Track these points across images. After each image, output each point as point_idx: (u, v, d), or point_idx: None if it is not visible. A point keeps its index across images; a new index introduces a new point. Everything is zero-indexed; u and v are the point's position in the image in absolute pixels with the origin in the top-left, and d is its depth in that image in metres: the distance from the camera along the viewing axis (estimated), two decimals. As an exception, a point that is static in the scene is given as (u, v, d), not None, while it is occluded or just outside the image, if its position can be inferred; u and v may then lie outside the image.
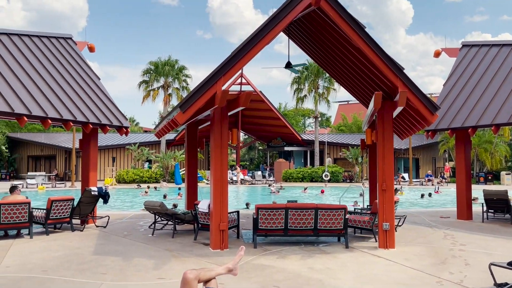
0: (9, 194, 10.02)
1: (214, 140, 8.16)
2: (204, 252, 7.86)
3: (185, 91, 37.38)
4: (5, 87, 9.46)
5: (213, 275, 3.55)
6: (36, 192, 24.93)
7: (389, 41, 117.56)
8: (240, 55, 7.46)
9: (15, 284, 5.74)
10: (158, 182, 31.24)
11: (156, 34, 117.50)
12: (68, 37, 13.61)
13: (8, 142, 40.94)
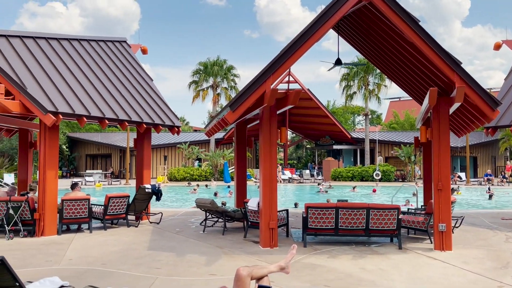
0: (70, 191, 10.62)
1: (263, 138, 8.19)
2: (254, 250, 7.93)
3: (234, 90, 37.87)
4: (67, 89, 10.03)
5: (266, 272, 3.57)
6: (94, 189, 26.22)
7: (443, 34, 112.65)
8: (289, 53, 7.43)
9: (78, 276, 6.07)
10: (208, 180, 31.87)
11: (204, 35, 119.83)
12: (122, 40, 14.19)
13: (68, 141, 43.44)
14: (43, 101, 8.97)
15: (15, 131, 13.87)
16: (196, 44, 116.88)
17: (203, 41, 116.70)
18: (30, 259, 7.18)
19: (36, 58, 10.30)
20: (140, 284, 5.71)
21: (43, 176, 9.38)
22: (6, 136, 14.27)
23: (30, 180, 13.22)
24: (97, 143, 42.15)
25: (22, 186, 12.96)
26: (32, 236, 9.22)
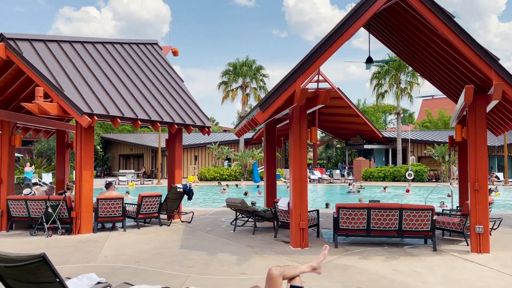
0: (104, 190, 10.92)
1: (293, 138, 8.17)
2: (284, 249, 7.92)
3: (263, 90, 37.92)
4: (101, 91, 10.32)
5: (298, 272, 3.57)
6: (127, 188, 26.82)
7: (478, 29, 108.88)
8: (319, 53, 7.38)
9: (113, 273, 6.24)
10: (237, 180, 32.05)
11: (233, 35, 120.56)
12: (154, 42, 14.47)
13: (102, 142, 44.69)
14: (79, 103, 9.26)
15: (53, 132, 14.39)
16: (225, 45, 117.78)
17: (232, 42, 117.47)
18: (68, 256, 7.43)
19: (73, 61, 10.65)
20: (172, 282, 5.81)
21: (79, 175, 9.69)
22: (45, 137, 14.83)
23: (67, 179, 13.69)
24: (130, 144, 43.15)
25: (59, 186, 13.43)
26: (70, 234, 9.54)
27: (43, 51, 10.17)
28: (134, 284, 4.58)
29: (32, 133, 13.81)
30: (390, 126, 59.05)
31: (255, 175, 30.81)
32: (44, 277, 3.02)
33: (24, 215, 9.99)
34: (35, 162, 34.42)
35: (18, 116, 11.24)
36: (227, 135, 44.17)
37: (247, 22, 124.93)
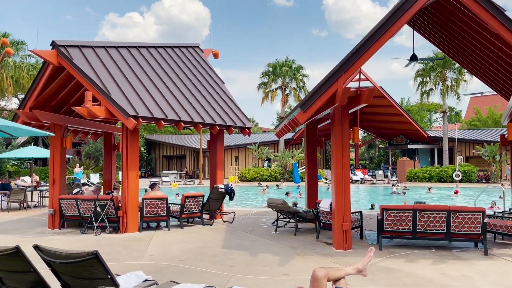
0: (149, 190, 11.24)
1: (335, 138, 8.07)
2: (327, 251, 7.83)
3: (302, 90, 37.71)
4: (146, 94, 10.63)
5: (342, 274, 3.52)
6: (170, 188, 27.48)
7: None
8: (361, 51, 7.25)
9: (159, 271, 6.41)
10: (278, 181, 32.04)
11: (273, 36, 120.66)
12: (195, 45, 14.74)
13: (146, 143, 46.03)
14: (125, 106, 9.59)
15: (100, 135, 14.98)
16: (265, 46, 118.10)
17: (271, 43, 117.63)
18: (116, 253, 7.71)
19: (119, 66, 11.04)
20: (216, 281, 5.89)
21: (126, 176, 10.02)
22: (93, 140, 15.46)
23: (114, 180, 14.20)
24: (172, 145, 44.17)
25: (107, 186, 13.97)
26: (117, 232, 9.88)
27: (91, 57, 10.60)
28: (180, 283, 4.68)
29: (81, 136, 14.44)
30: (436, 125, 57.00)
31: (296, 176, 30.67)
32: (97, 274, 3.15)
33: (75, 214, 10.46)
34: (84, 163, 35.96)
35: (68, 119, 11.79)
36: (266, 135, 44.25)
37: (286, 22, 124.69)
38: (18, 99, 38.50)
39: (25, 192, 15.39)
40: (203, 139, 33.85)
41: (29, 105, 10.83)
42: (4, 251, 3.30)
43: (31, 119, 10.76)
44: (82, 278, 3.27)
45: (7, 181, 17.50)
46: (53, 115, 11.21)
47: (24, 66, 28.59)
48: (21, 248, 3.28)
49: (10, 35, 28.51)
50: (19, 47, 28.92)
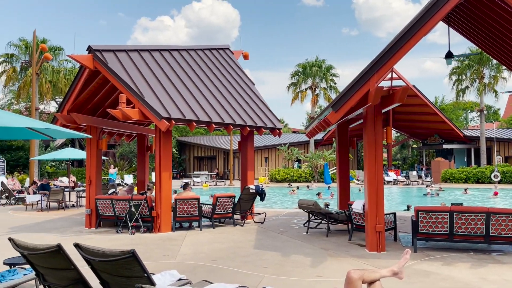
0: (182, 191, 11.40)
1: (368, 139, 7.94)
2: (360, 253, 7.72)
3: (333, 90, 37.34)
4: (178, 96, 10.80)
5: (378, 277, 3.45)
6: (201, 189, 27.81)
7: None
8: (394, 49, 7.11)
9: (191, 271, 6.50)
10: (308, 181, 31.85)
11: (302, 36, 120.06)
12: (226, 47, 14.86)
13: (177, 145, 46.78)
14: (158, 108, 9.78)
15: (134, 136, 15.33)
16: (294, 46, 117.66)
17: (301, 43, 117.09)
18: (150, 252, 7.86)
19: (151, 68, 11.27)
20: (248, 281, 5.91)
21: (159, 177, 10.21)
22: (127, 141, 15.84)
23: (147, 180, 14.49)
24: (203, 146, 44.68)
25: (140, 186, 14.27)
26: (150, 232, 10.09)
27: (125, 60, 10.87)
28: (213, 282, 4.73)
29: (116, 137, 14.82)
30: (472, 124, 55.17)
31: (326, 177, 30.38)
32: (134, 272, 3.23)
33: (111, 213, 10.74)
34: (118, 164, 36.91)
35: (104, 121, 12.13)
36: (296, 136, 44.06)
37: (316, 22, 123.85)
38: (56, 103, 39.96)
39: (63, 192, 15.95)
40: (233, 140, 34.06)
41: (67, 108, 11.22)
42: (47, 249, 3.43)
43: (69, 122, 11.15)
44: (120, 276, 3.35)
45: (47, 182, 18.19)
46: (89, 118, 11.56)
47: (62, 70, 29.61)
48: (63, 246, 3.41)
49: (48, 41, 29.59)
50: (56, 53, 29.98)
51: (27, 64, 29.39)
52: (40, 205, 15.73)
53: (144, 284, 3.00)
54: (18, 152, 33.20)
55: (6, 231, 10.61)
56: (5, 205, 17.35)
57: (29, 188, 18.44)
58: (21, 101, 34.71)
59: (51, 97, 32.17)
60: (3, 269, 5.51)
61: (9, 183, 19.65)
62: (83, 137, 5.99)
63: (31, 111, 24.68)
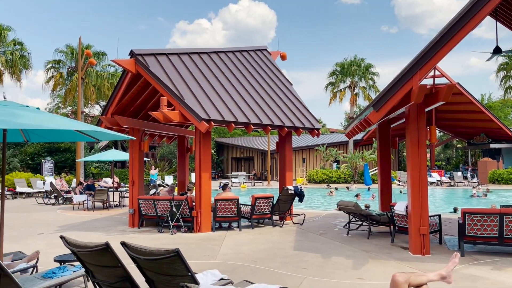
0: (221, 191, 11.52)
1: (411, 138, 7.72)
2: (403, 256, 7.51)
3: (373, 89, 36.65)
4: (217, 98, 10.93)
5: (425, 280, 3.35)
6: (239, 189, 27.99)
7: None
8: (439, 46, 6.87)
9: (232, 271, 6.55)
10: (347, 182, 31.38)
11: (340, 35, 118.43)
12: (263, 48, 14.90)
13: (215, 146, 47.35)
14: (198, 110, 9.93)
15: (174, 138, 15.66)
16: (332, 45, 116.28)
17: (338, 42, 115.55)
18: (191, 252, 8.00)
19: (191, 71, 11.47)
20: (289, 282, 5.88)
21: (199, 177, 10.36)
22: (168, 143, 16.20)
23: (187, 181, 14.75)
24: (241, 147, 44.99)
25: (181, 187, 14.55)
26: (191, 232, 10.25)
27: (166, 64, 11.13)
28: (254, 282, 4.74)
29: (157, 139, 15.19)
30: (522, 123, 52.43)
31: (367, 178, 29.79)
32: (178, 271, 3.29)
33: (152, 213, 11.01)
34: (158, 165, 37.80)
35: (146, 123, 12.46)
36: (335, 136, 43.51)
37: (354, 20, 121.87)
38: (100, 106, 41.48)
39: (107, 193, 16.51)
40: (271, 141, 34.09)
41: (111, 111, 11.61)
42: (95, 247, 3.56)
43: (112, 124, 11.54)
44: (164, 275, 3.43)
45: (92, 183, 18.91)
46: (132, 120, 11.92)
47: (105, 75, 30.75)
48: (110, 245, 3.52)
49: (92, 46, 30.80)
50: (100, 58, 31.17)
51: (73, 69, 30.72)
52: (86, 205, 16.36)
53: (188, 283, 3.04)
54: (65, 154, 34.70)
55: (55, 230, 11.11)
56: (54, 205, 18.17)
57: (75, 188, 19.24)
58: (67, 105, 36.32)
59: (95, 101, 33.45)
60: (53, 266, 5.77)
61: (57, 183, 20.57)
62: (127, 138, 6.17)
63: (77, 114, 25.73)
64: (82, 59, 25.74)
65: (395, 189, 18.85)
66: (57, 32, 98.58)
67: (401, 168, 39.53)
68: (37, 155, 33.81)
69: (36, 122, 4.70)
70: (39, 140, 6.93)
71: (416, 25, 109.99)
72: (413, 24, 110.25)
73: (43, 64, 61.94)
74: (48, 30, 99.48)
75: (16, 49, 25.78)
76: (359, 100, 37.61)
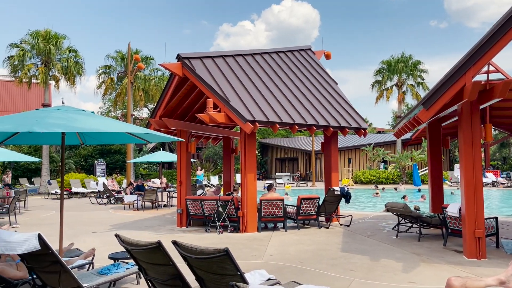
0: (266, 192, 11.56)
1: (464, 137, 7.39)
2: (456, 259, 7.21)
3: (421, 87, 35.44)
4: (261, 99, 10.99)
5: (482, 285, 3.18)
6: (283, 190, 27.94)
7: None
8: (494, 39, 6.52)
9: (278, 271, 6.56)
10: (395, 183, 30.52)
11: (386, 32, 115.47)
12: (307, 48, 14.80)
13: (259, 147, 47.58)
14: (243, 111, 10.03)
15: (220, 139, 15.90)
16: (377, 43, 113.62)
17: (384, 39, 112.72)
18: (238, 252, 8.08)
19: (235, 73, 11.61)
20: (336, 284, 5.81)
21: (244, 178, 10.46)
22: (214, 144, 16.47)
23: (233, 181, 14.93)
24: (285, 148, 44.93)
25: (226, 187, 14.75)
26: (237, 232, 10.36)
27: (211, 66, 11.33)
28: (302, 283, 4.72)
29: (203, 140, 15.49)
30: None
31: (416, 178, 28.78)
32: (227, 270, 3.35)
33: (200, 213, 11.24)
34: (204, 166, 38.51)
35: (192, 125, 12.75)
36: (381, 136, 42.44)
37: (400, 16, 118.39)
38: (148, 109, 42.88)
39: (156, 193, 17.03)
40: (315, 141, 33.80)
41: (159, 113, 11.97)
42: (148, 245, 3.69)
43: (161, 127, 11.89)
44: (214, 274, 3.49)
45: (142, 183, 19.57)
46: (179, 122, 12.22)
47: (152, 79, 31.74)
48: (162, 243, 3.64)
49: (140, 51, 31.89)
50: (148, 62, 32.21)
51: (122, 74, 31.97)
52: (136, 205, 16.96)
53: (237, 282, 3.08)
54: (115, 155, 36.15)
55: (108, 228, 11.60)
56: (106, 204, 18.97)
57: (126, 188, 20.00)
58: (117, 108, 37.83)
59: (143, 104, 34.62)
60: (108, 263, 6.03)
61: (109, 184, 21.47)
62: (175, 140, 6.35)
63: (126, 117, 26.74)
64: (131, 64, 26.71)
65: (446, 190, 18.12)
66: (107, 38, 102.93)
67: (453, 169, 37.94)
68: (90, 156, 35.46)
69: (91, 125, 4.94)
70: (93, 142, 7.29)
71: (468, 19, 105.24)
72: (465, 18, 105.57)
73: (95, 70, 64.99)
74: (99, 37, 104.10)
75: (71, 56, 27.15)
76: (407, 98, 36.46)
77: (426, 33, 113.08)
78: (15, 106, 45.36)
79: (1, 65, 59.17)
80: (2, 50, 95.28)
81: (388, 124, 59.09)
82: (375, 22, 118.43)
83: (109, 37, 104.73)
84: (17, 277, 4.97)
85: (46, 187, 24.83)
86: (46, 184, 25.14)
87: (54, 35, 26.49)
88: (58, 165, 31.51)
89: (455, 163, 38.87)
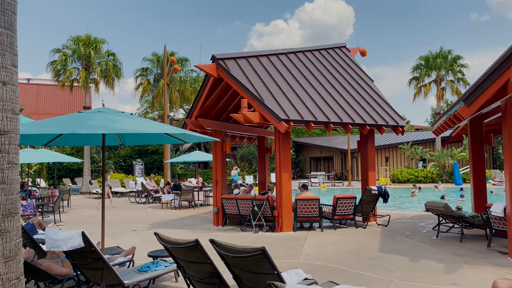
0: (299, 192, 11.51)
1: (508, 135, 7.08)
2: (501, 261, 6.92)
3: (461, 82, 34.23)
4: (295, 98, 10.95)
5: (531, 289, 3.05)
6: (319, 190, 27.71)
7: None
8: (541, 30, 6.22)
9: (315, 271, 6.52)
10: (435, 182, 29.63)
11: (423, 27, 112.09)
12: (342, 46, 14.61)
13: (294, 146, 47.40)
14: (277, 110, 10.03)
15: (254, 139, 15.96)
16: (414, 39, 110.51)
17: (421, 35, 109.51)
18: (274, 251, 8.09)
19: (269, 72, 11.62)
20: (375, 285, 5.72)
21: (279, 177, 10.46)
22: (248, 143, 16.57)
23: (268, 181, 14.95)
24: (319, 147, 44.53)
25: (261, 186, 14.79)
26: (273, 231, 10.37)
27: (245, 67, 11.39)
28: (339, 284, 4.68)
29: (238, 140, 15.61)
30: None
31: (457, 177, 27.79)
32: (264, 269, 3.36)
33: (235, 212, 11.33)
34: (239, 165, 38.79)
35: (227, 125, 12.87)
36: (419, 134, 41.28)
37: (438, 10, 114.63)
38: (184, 110, 43.63)
39: (193, 192, 17.31)
40: (351, 140, 33.31)
41: (195, 114, 12.16)
42: (186, 243, 3.76)
43: (196, 127, 12.08)
44: (251, 272, 3.52)
45: (178, 183, 19.95)
46: (214, 122, 12.37)
47: (188, 80, 32.29)
48: (200, 242, 3.70)
49: (176, 53, 32.51)
50: (183, 64, 32.81)
51: (159, 76, 32.71)
52: (173, 204, 17.30)
53: (274, 281, 3.09)
54: (153, 155, 37.01)
55: (147, 227, 11.90)
56: (144, 203, 19.47)
57: (163, 188, 20.44)
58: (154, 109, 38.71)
59: (179, 105, 35.26)
60: (147, 260, 6.19)
61: (147, 183, 22.01)
62: (211, 140, 6.43)
63: (163, 118, 27.32)
64: (167, 66, 27.26)
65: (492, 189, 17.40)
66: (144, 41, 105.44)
67: (496, 167, 36.40)
68: (129, 157, 36.47)
69: (131, 126, 5.08)
70: (132, 143, 7.50)
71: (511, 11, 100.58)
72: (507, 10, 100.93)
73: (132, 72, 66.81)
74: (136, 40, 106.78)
75: (110, 59, 28.04)
76: (446, 95, 35.31)
77: (466, 27, 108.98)
78: (58, 109, 47.38)
79: (44, 69, 61.87)
80: (46, 55, 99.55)
81: (426, 121, 57.46)
82: (412, 17, 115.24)
83: (145, 40, 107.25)
84: (62, 273, 5.20)
85: (88, 186, 25.77)
86: (87, 184, 26.09)
87: (94, 39, 27.45)
88: (98, 165, 32.61)
89: (499, 161, 37.33)
